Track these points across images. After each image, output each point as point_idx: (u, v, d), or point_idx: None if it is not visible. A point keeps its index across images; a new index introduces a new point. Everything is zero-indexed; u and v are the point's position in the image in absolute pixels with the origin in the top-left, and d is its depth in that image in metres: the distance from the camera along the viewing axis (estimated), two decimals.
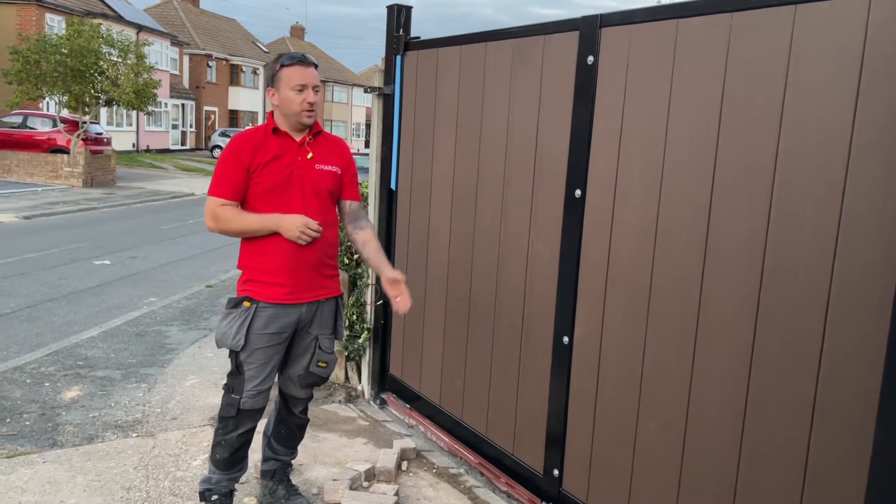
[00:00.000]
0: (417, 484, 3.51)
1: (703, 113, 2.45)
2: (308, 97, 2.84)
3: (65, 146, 19.92)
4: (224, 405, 2.92)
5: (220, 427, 2.95)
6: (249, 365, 2.86)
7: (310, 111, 2.87)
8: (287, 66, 2.86)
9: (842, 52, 2.07)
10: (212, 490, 3.00)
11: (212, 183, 2.87)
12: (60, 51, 18.30)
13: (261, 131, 2.93)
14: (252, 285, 2.87)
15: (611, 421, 2.85)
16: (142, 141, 33.78)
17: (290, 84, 2.83)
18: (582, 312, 2.98)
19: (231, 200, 2.83)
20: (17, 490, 3.28)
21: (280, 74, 2.86)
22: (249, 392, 2.87)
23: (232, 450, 2.96)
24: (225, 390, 2.94)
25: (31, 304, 6.93)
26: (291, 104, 2.84)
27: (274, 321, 2.86)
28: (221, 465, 2.97)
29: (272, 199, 2.84)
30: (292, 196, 2.86)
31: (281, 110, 2.89)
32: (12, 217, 12.84)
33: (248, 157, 2.83)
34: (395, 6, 4.15)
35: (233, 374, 2.90)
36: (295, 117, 2.87)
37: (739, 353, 2.35)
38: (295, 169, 2.88)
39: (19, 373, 4.98)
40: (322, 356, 3.02)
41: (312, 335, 2.99)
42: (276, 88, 2.89)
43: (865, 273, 2.03)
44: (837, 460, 2.11)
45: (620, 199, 2.78)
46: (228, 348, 2.87)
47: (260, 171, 2.82)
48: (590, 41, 2.89)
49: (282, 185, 2.85)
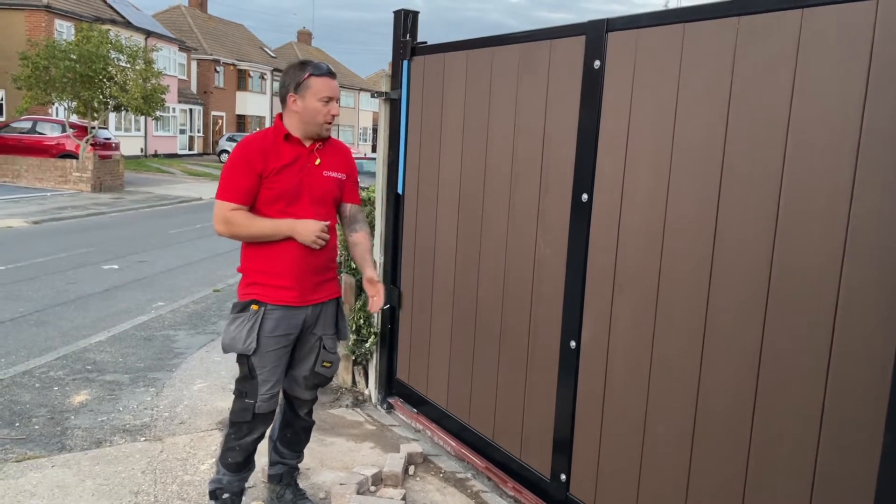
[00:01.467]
0: (425, 488, 3.51)
1: (711, 117, 2.45)
2: (333, 109, 2.90)
3: (74, 151, 20.02)
4: (237, 411, 2.92)
5: (233, 432, 2.95)
6: (262, 368, 2.87)
7: (331, 123, 2.92)
8: (316, 76, 2.87)
9: (849, 56, 2.07)
10: (223, 489, 3.01)
11: (221, 187, 2.86)
12: (69, 56, 18.41)
13: (270, 136, 2.92)
14: (258, 288, 2.87)
15: (618, 425, 2.85)
16: (150, 146, 33.95)
17: (318, 95, 2.86)
18: (589, 316, 2.97)
19: (242, 205, 2.83)
20: (26, 494, 3.30)
21: (308, 83, 2.87)
22: (263, 396, 2.88)
23: (247, 454, 2.99)
24: (237, 395, 2.94)
25: (40, 308, 6.97)
26: (316, 115, 2.87)
27: (282, 323, 2.88)
28: (233, 468, 2.99)
29: (282, 205, 2.86)
30: (301, 202, 2.89)
31: (301, 118, 2.89)
32: (21, 222, 12.92)
33: (261, 162, 2.83)
34: (402, 11, 4.16)
35: (245, 378, 2.90)
36: (316, 127, 2.90)
37: (747, 356, 2.35)
38: (304, 176, 2.90)
39: (28, 377, 5.00)
40: (326, 356, 3.06)
41: (317, 336, 3.02)
42: (300, 96, 2.88)
43: (874, 275, 2.03)
44: (846, 464, 2.10)
45: (627, 203, 2.78)
46: (239, 352, 2.87)
47: (273, 176, 2.84)
48: (596, 45, 2.89)
49: (292, 191, 2.87)
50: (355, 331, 4.67)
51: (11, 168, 19.40)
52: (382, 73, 4.48)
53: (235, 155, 2.88)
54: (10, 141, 20.60)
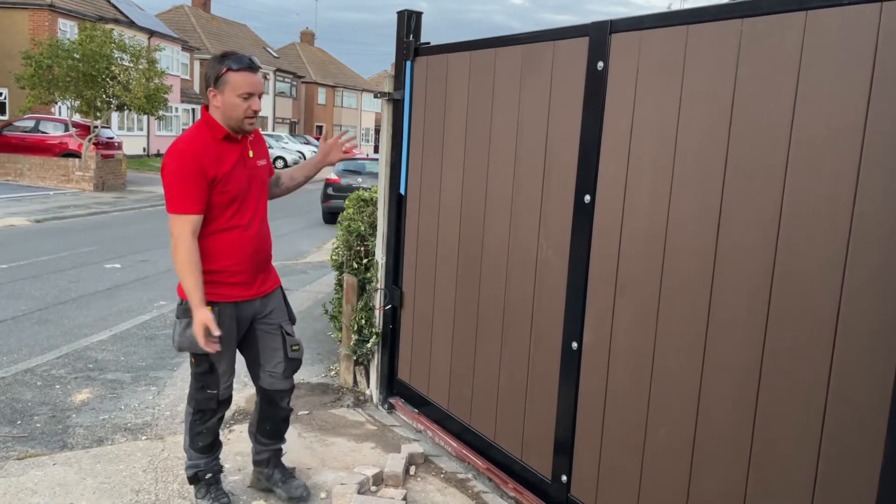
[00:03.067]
0: (425, 489, 3.51)
1: (714, 118, 2.45)
2: (254, 105, 2.85)
3: (76, 150, 20.05)
4: (202, 400, 3.06)
5: (198, 418, 3.10)
6: (220, 363, 3.01)
7: (253, 119, 2.88)
8: (234, 70, 2.80)
9: (852, 58, 2.07)
10: (203, 470, 3.16)
11: (174, 199, 2.76)
12: (73, 56, 18.43)
13: (207, 136, 2.85)
14: (211, 287, 2.86)
15: (619, 427, 2.85)
16: (152, 145, 33.97)
17: (237, 90, 2.80)
18: (591, 318, 2.97)
19: (200, 214, 2.80)
20: (27, 492, 3.30)
21: (226, 78, 2.81)
22: (225, 384, 3.07)
23: (214, 434, 3.15)
24: (199, 388, 3.05)
25: (42, 306, 6.97)
26: (236, 110, 2.83)
27: (235, 318, 3.00)
28: (206, 450, 3.16)
29: (236, 207, 2.89)
30: (251, 199, 2.96)
31: (222, 113, 2.85)
32: (24, 220, 12.93)
33: (211, 167, 2.78)
34: (406, 12, 4.17)
35: (206, 373, 3.02)
36: (237, 122, 2.86)
37: (749, 359, 2.35)
38: (248, 171, 2.96)
39: (30, 375, 5.01)
40: (292, 340, 3.18)
41: (276, 325, 3.13)
42: (219, 91, 2.83)
43: (876, 278, 2.02)
44: (848, 467, 2.10)
45: (630, 205, 2.78)
46: (200, 352, 2.88)
47: (225, 180, 2.82)
48: (600, 47, 2.89)
49: (242, 189, 2.90)
50: (357, 331, 4.67)
51: (14, 167, 19.43)
52: (385, 74, 4.48)
53: (181, 163, 2.77)
54: (13, 140, 20.63)
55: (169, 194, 2.79)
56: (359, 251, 4.89)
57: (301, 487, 3.33)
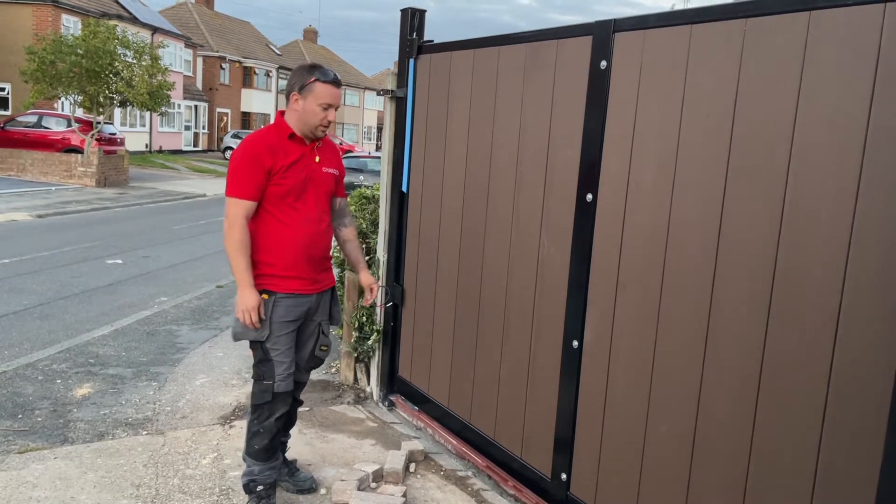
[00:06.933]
0: (425, 486, 3.52)
1: (716, 118, 2.45)
2: (330, 115, 3.05)
3: (79, 146, 20.06)
4: (258, 393, 3.08)
5: (256, 417, 3.10)
6: (276, 351, 3.04)
7: (326, 127, 3.07)
8: (322, 82, 3.01)
9: (856, 58, 2.07)
10: (256, 481, 3.12)
11: (232, 183, 2.96)
12: (76, 51, 18.44)
13: (273, 134, 3.04)
14: (267, 279, 3.03)
15: (620, 425, 2.85)
16: (155, 142, 33.99)
17: (319, 100, 3.00)
18: (592, 316, 2.98)
19: (253, 201, 2.96)
20: (28, 485, 3.31)
21: (312, 87, 3.00)
22: (281, 375, 3.05)
23: (271, 435, 3.10)
24: (256, 379, 3.09)
25: (44, 301, 6.98)
26: (314, 117, 3.02)
27: (292, 310, 3.06)
28: (262, 456, 3.11)
29: (291, 200, 3.01)
30: (307, 197, 3.06)
31: (300, 117, 3.03)
32: (26, 215, 12.95)
33: (269, 159, 2.95)
34: (409, 9, 4.17)
35: (261, 362, 3.06)
36: (311, 128, 3.05)
37: (750, 356, 2.35)
38: (309, 172, 3.06)
39: (32, 369, 5.02)
40: (324, 340, 3.30)
41: (316, 322, 3.24)
42: (303, 97, 3.02)
43: (879, 275, 2.03)
44: (848, 465, 2.10)
45: (632, 203, 2.78)
46: (253, 339, 3.02)
47: (283, 173, 2.97)
48: (603, 46, 2.89)
49: (299, 186, 3.02)
50: (357, 328, 4.68)
51: (17, 162, 19.45)
52: (388, 72, 4.48)
53: (243, 152, 2.98)
54: (15, 135, 20.66)
55: (228, 179, 2.98)
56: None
57: (309, 480, 3.38)
